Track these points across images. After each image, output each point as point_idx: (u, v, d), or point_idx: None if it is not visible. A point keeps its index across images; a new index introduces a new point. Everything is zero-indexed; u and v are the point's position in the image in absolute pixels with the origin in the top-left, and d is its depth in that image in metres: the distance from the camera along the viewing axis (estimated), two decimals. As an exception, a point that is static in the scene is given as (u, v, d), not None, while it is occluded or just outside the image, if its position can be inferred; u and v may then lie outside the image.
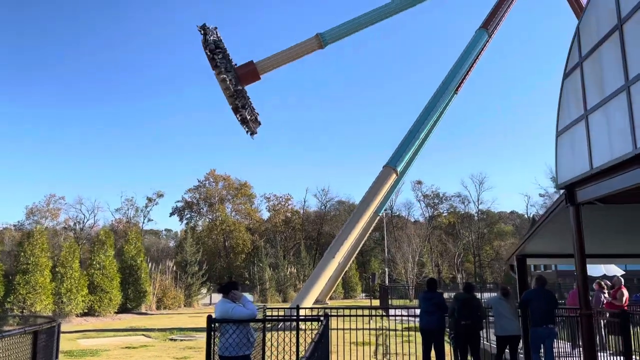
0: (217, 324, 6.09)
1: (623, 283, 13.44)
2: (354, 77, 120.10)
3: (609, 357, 10.69)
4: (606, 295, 13.79)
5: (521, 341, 10.03)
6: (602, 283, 14.37)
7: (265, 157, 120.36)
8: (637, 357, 10.31)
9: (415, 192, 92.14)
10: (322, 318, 5.74)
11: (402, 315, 12.24)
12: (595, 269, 24.77)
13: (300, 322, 7.44)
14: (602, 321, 12.89)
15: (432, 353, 9.74)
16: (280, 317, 9.16)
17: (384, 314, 26.01)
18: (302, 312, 15.41)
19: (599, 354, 12.46)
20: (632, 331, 9.94)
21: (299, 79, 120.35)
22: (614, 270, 25.03)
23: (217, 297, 48.45)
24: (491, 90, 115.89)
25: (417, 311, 13.96)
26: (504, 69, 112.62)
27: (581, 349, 11.81)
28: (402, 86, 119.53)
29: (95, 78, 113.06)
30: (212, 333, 6.03)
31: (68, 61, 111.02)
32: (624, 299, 12.81)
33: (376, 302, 38.69)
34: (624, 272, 25.62)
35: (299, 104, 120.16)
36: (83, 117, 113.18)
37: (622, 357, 9.40)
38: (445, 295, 12.45)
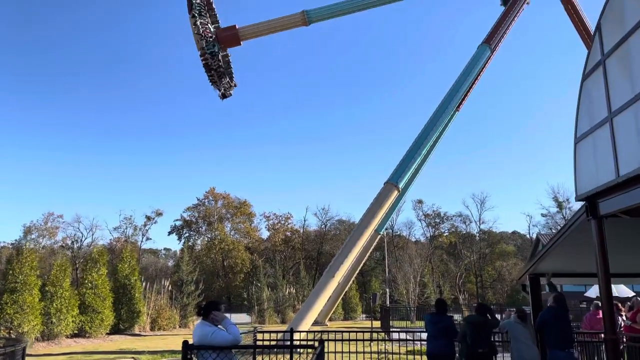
0: (194, 351, 5.24)
1: (643, 305, 12.50)
2: (355, 92, 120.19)
3: None
4: (624, 317, 12.88)
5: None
6: (620, 305, 13.46)
7: (266, 175, 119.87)
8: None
9: (416, 212, 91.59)
10: (316, 344, 4.91)
11: (405, 340, 11.31)
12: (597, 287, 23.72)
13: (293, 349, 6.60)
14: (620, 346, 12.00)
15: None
16: (271, 343, 8.30)
17: (385, 336, 24.97)
18: (296, 336, 14.49)
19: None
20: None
21: (302, 92, 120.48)
22: (624, 291, 23.94)
23: (213, 318, 47.30)
24: (493, 108, 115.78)
25: (421, 334, 12.99)
26: (504, 86, 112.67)
27: None
28: (405, 100, 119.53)
29: (97, 99, 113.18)
30: (189, 361, 5.17)
31: (67, 76, 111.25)
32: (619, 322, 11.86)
33: (377, 324, 37.49)
34: (635, 294, 24.52)
35: (299, 119, 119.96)
36: (81, 135, 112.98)
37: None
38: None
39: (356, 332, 10.24)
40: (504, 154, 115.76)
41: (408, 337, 18.94)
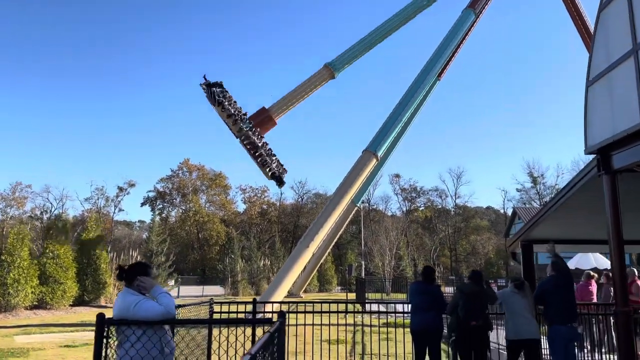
0: (113, 327, 3.96)
1: (637, 275, 11.69)
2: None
3: None
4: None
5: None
6: (610, 275, 12.65)
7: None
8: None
9: (393, 186, 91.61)
10: (274, 318, 3.69)
11: (379, 312, 10.34)
12: (585, 260, 23.19)
13: (255, 322, 5.38)
14: (611, 319, 11.21)
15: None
16: (229, 317, 7.10)
17: (360, 308, 24.16)
18: (268, 307, 13.36)
19: (609, 356, 10.71)
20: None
21: (281, 68, 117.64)
22: (603, 260, 23.42)
23: (185, 290, 46.02)
24: (472, 81, 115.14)
25: (397, 307, 11.88)
26: (483, 58, 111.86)
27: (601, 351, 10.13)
28: (385, 72, 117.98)
29: (70, 65, 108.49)
30: (106, 340, 3.90)
31: (40, 45, 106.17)
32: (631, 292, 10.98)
33: (352, 296, 36.86)
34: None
35: (275, 89, 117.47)
36: (51, 102, 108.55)
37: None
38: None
39: (330, 303, 9.06)
40: (483, 129, 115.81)
41: (383, 309, 18.10)
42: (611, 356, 9.90)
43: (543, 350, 8.71)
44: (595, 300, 12.31)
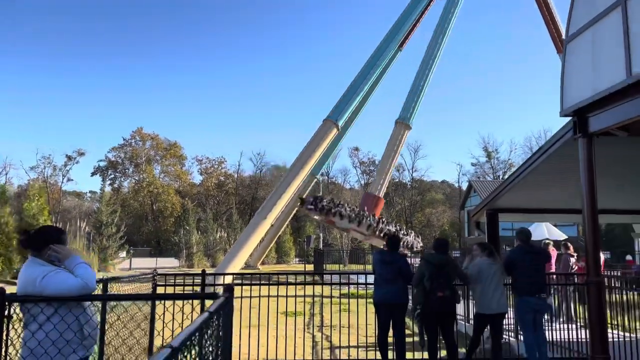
0: (16, 306, 3.18)
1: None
2: (299, 37, 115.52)
3: (579, 330, 8.67)
4: (574, 259, 12.06)
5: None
6: (569, 244, 12.64)
7: (199, 117, 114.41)
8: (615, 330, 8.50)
9: (352, 159, 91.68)
10: (219, 293, 3.01)
11: (340, 283, 9.89)
12: (539, 231, 23.54)
13: (198, 298, 4.64)
14: (569, 289, 11.18)
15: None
16: (176, 291, 6.36)
17: (318, 279, 23.81)
18: (225, 279, 12.67)
19: (566, 325, 10.66)
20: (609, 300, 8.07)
21: (239, 34, 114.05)
22: (555, 232, 23.85)
23: (138, 262, 44.58)
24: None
25: (355, 278, 11.42)
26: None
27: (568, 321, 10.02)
28: (348, 42, 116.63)
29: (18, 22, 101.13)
30: (7, 320, 3.12)
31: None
32: (601, 263, 10.92)
33: (310, 267, 36.65)
34: (567, 236, 24.59)
35: (239, 63, 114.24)
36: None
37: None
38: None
39: (287, 274, 8.46)
40: (441, 103, 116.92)
41: (341, 280, 17.67)
42: (567, 325, 9.82)
43: (511, 321, 8.49)
44: (553, 269, 12.28)
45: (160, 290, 6.64)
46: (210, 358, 2.36)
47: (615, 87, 5.69)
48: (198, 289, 7.61)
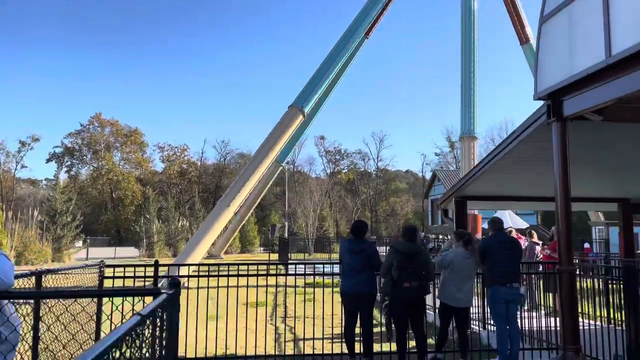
0: None
1: (560, 233, 11.68)
2: (267, 20, 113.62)
3: (544, 319, 8.61)
4: (539, 247, 12.08)
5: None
6: (533, 232, 12.67)
7: (161, 105, 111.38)
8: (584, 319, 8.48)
9: (318, 148, 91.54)
10: (163, 290, 2.54)
11: (305, 274, 9.51)
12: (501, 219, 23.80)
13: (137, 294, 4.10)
14: (535, 277, 11.17)
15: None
16: (123, 287, 5.77)
17: (282, 269, 23.43)
18: (183, 270, 12.09)
19: (532, 314, 10.65)
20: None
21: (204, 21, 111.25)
22: (517, 220, 24.22)
23: (95, 252, 43.04)
24: (400, 46, 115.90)
25: (321, 267, 11.06)
26: (412, 23, 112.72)
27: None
28: (314, 29, 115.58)
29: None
30: None
31: None
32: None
33: (275, 256, 36.22)
34: (528, 224, 25.00)
35: (205, 48, 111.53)
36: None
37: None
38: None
39: (248, 264, 8.01)
40: (406, 94, 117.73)
41: (306, 270, 17.35)
42: (533, 313, 9.77)
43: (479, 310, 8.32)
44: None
45: (107, 284, 6.04)
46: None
47: (593, 68, 5.47)
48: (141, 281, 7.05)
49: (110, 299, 4.55)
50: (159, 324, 2.35)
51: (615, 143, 7.18)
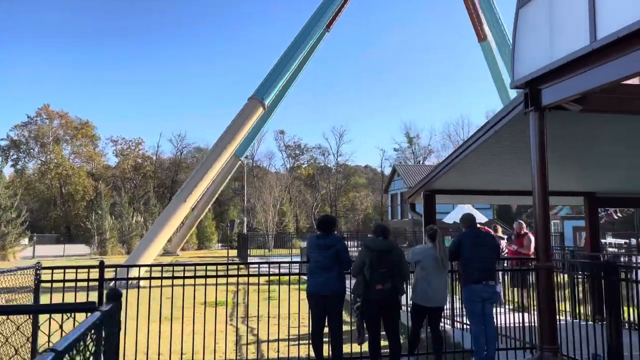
0: None
1: (525, 227, 11.60)
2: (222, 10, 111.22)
3: (510, 314, 8.44)
4: (505, 242, 11.97)
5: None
6: (498, 226, 12.56)
7: (113, 97, 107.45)
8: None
9: (277, 142, 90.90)
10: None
11: (269, 275, 9.02)
12: (461, 213, 23.97)
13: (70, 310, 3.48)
14: (503, 274, 11.04)
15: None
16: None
17: (242, 267, 22.77)
18: (134, 272, 11.29)
19: (499, 309, 10.51)
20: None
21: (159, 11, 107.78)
22: (480, 216, 24.42)
23: (43, 249, 40.90)
24: (363, 40, 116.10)
25: (287, 267, 10.56)
26: (377, 17, 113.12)
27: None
28: (273, 20, 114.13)
29: None
30: None
31: None
32: (532, 246, 10.72)
33: (233, 253, 35.39)
34: (487, 218, 25.26)
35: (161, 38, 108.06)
36: None
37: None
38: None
39: (206, 264, 7.40)
40: (366, 89, 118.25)
41: (267, 268, 16.82)
42: (500, 309, 9.63)
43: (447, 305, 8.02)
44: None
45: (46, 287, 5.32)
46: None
47: (576, 54, 5.19)
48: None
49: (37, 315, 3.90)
50: (91, 350, 1.80)
51: (590, 135, 7.01)
